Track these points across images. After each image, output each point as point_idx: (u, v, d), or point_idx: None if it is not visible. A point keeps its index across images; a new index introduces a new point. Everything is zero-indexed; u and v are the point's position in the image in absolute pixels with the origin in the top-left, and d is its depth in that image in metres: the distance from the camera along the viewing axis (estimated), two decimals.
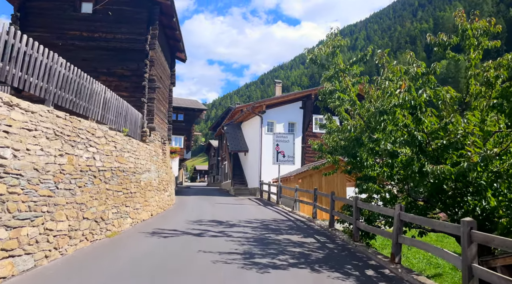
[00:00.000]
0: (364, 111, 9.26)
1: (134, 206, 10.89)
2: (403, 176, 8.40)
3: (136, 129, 12.84)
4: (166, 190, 15.51)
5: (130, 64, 13.80)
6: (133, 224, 10.64)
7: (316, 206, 13.53)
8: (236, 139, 28.17)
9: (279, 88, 30.89)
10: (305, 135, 25.42)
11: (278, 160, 19.17)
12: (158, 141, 15.13)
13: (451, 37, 8.01)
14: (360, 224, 9.06)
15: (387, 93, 7.40)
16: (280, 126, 24.76)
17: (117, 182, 9.74)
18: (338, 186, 18.93)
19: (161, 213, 13.95)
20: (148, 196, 12.49)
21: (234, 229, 10.77)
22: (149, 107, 13.95)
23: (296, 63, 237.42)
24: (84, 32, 13.54)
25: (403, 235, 7.03)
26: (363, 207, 9.15)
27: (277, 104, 25.01)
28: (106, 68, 13.68)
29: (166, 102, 17.89)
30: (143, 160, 12.46)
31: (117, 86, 13.64)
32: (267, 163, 22.55)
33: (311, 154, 25.25)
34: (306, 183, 18.85)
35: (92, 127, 8.61)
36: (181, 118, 39.20)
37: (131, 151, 11.24)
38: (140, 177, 11.88)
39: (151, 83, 13.95)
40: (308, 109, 25.35)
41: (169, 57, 18.43)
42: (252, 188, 25.58)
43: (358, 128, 8.78)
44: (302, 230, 11.26)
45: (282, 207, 17.49)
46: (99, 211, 8.53)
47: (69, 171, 7.34)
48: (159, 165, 14.74)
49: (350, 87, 9.60)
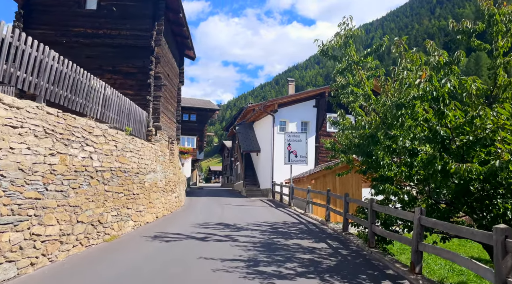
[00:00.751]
0: (380, 106, 8.55)
1: (136, 208, 10.41)
2: (423, 176, 7.66)
3: (141, 128, 12.38)
4: (173, 191, 15.03)
5: (136, 61, 13.38)
6: (135, 227, 10.16)
7: (329, 208, 12.83)
8: (248, 139, 27.60)
9: (292, 86, 30.20)
10: (318, 134, 24.66)
11: (290, 160, 18.50)
12: (165, 141, 14.67)
13: (476, 24, 7.24)
14: (376, 229, 8.35)
15: (405, 84, 6.68)
16: (293, 125, 24.08)
17: (117, 183, 9.27)
18: (353, 187, 18.15)
19: (167, 215, 13.47)
20: (153, 197, 12.01)
21: (241, 233, 10.18)
22: (155, 106, 13.48)
23: (311, 63, 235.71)
24: (89, 29, 13.19)
25: (424, 242, 6.31)
26: (379, 210, 8.44)
27: (290, 103, 24.34)
28: (111, 66, 13.29)
29: (175, 101, 17.44)
30: (148, 160, 11.99)
31: (122, 84, 13.24)
32: (279, 164, 21.90)
33: (325, 154, 24.48)
34: (319, 184, 18.13)
35: (89, 125, 8.14)
36: (194, 118, 38.91)
37: (134, 151, 10.78)
38: (144, 178, 11.41)
39: (157, 81, 13.50)
40: (321, 108, 24.59)
41: (177, 55, 17.99)
42: (264, 189, 24.96)
43: (373, 124, 8.07)
44: (313, 234, 10.59)
45: (294, 209, 16.82)
46: (96, 214, 8.05)
47: (61, 171, 6.87)
48: (166, 166, 14.27)
49: (364, 81, 8.90)
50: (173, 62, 16.69)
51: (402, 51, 7.03)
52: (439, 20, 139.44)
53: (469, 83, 6.03)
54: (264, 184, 25.22)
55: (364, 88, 8.86)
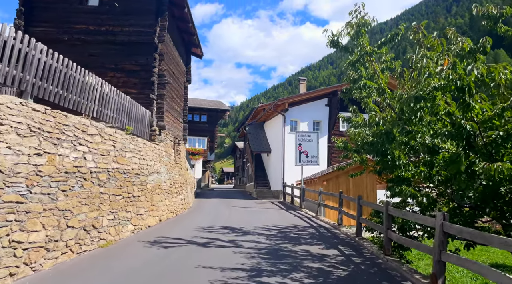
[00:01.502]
0: (396, 100, 7.85)
1: (137, 211, 9.89)
2: (445, 177, 6.93)
3: (144, 128, 11.89)
4: (179, 193, 14.51)
5: (139, 59, 12.91)
6: (135, 231, 9.63)
7: (341, 211, 12.11)
8: (259, 140, 26.98)
9: (303, 85, 29.47)
10: (331, 134, 23.88)
11: (301, 160, 17.81)
12: (170, 141, 14.17)
13: (503, 8, 6.48)
14: (392, 235, 7.62)
15: (424, 74, 5.97)
16: (304, 125, 23.38)
17: (115, 185, 8.76)
18: (367, 188, 17.36)
19: (172, 218, 12.94)
20: (156, 200, 11.49)
21: (247, 237, 9.56)
22: (158, 104, 12.99)
23: (325, 64, 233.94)
24: (91, 26, 12.78)
25: (448, 252, 5.58)
26: (395, 215, 7.71)
27: (301, 102, 23.63)
28: (114, 64, 12.86)
29: (181, 100, 16.94)
30: (151, 161, 11.48)
31: (125, 83, 12.80)
32: (290, 164, 21.23)
33: (338, 154, 23.68)
34: (331, 185, 17.39)
35: (83, 124, 7.65)
36: (204, 119, 38.49)
37: (135, 151, 10.28)
38: (146, 180, 10.90)
39: (161, 79, 13.00)
40: (334, 107, 23.82)
41: (184, 53, 17.51)
42: (275, 190, 24.30)
43: (388, 120, 7.37)
44: (324, 239, 9.90)
45: (305, 212, 16.12)
46: (90, 218, 7.54)
47: (49, 172, 6.37)
48: (170, 167, 13.76)
49: (378, 73, 8.19)
50: (179, 60, 16.20)
51: (420, 37, 6.31)
52: (456, 18, 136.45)
53: (498, 70, 5.29)
54: (275, 185, 24.56)
55: (378, 81, 8.16)
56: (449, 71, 5.26)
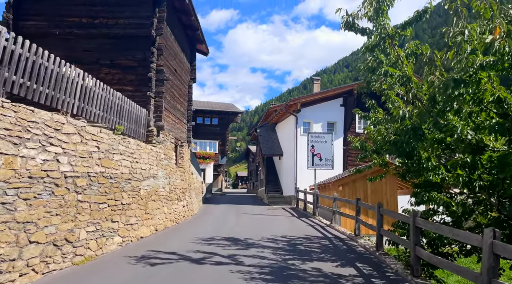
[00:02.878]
0: (424, 91, 6.56)
1: (126, 221, 8.78)
2: (489, 182, 5.58)
3: (139, 128, 10.83)
4: (180, 200, 13.39)
5: (136, 54, 11.88)
6: (123, 244, 8.52)
7: (359, 220, 10.76)
8: (270, 142, 25.74)
9: (317, 85, 28.12)
10: (346, 136, 22.43)
11: (314, 164, 16.48)
12: (170, 143, 13.08)
13: None
14: (422, 253, 6.26)
15: (464, 51, 4.68)
16: (318, 126, 22.05)
17: (98, 192, 7.67)
18: (387, 194, 15.91)
19: (170, 227, 11.81)
20: (151, 207, 10.38)
21: (250, 251, 8.34)
22: (156, 103, 11.92)
23: (340, 67, 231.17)
24: (84, 18, 11.82)
25: (500, 281, 4.25)
26: (425, 228, 6.37)
27: (314, 102, 22.31)
28: (109, 59, 11.86)
29: (185, 100, 15.87)
30: (146, 165, 10.40)
31: (121, 80, 11.78)
32: (303, 168, 19.90)
33: (354, 157, 22.27)
34: (347, 191, 16.01)
35: (57, 121, 6.59)
36: (216, 122, 37.48)
37: (126, 153, 9.20)
38: (140, 185, 9.81)
39: (159, 75, 11.94)
40: (350, 107, 22.40)
41: (188, 50, 16.46)
42: (287, 196, 22.99)
43: (415, 114, 6.09)
44: (339, 253, 8.60)
45: (319, 220, 14.79)
46: (62, 231, 6.45)
47: (5, 177, 5.30)
48: (171, 171, 12.66)
49: (402, 59, 6.91)
50: (182, 57, 15.15)
51: (457, 6, 5.01)
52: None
53: None
54: (287, 190, 23.26)
55: (402, 68, 6.87)
56: (503, 41, 3.96)
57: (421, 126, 6.14)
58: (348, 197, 15.74)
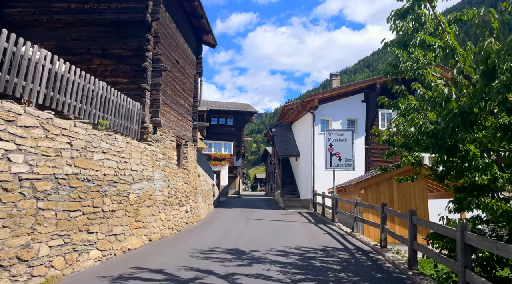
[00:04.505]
0: (470, 63, 5.03)
1: (109, 231, 7.48)
2: None
3: (131, 124, 9.56)
4: (182, 204, 12.06)
5: (130, 42, 10.64)
6: (103, 258, 7.21)
7: (385, 230, 9.15)
8: (286, 142, 24.21)
9: (336, 82, 26.42)
10: (369, 134, 20.74)
11: (332, 164, 14.88)
12: (170, 141, 11.77)
13: None
14: (475, 279, 4.65)
15: None
16: (337, 124, 20.41)
17: (69, 197, 6.39)
18: (415, 198, 14.16)
19: (169, 236, 10.48)
20: (143, 214, 9.07)
21: (254, 268, 6.88)
22: (153, 96, 10.63)
23: (361, 67, 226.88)
24: (72, 3, 10.67)
25: None
26: (481, 246, 4.75)
27: (333, 98, 20.70)
28: (101, 49, 10.67)
29: (190, 96, 14.56)
30: (138, 165, 9.11)
31: (114, 71, 10.57)
32: (321, 169, 18.31)
33: (377, 157, 20.53)
34: (371, 194, 14.34)
35: (9, 110, 5.34)
36: (230, 122, 36.26)
37: (112, 152, 7.92)
38: (129, 189, 8.51)
39: (156, 65, 10.66)
40: (372, 103, 20.69)
41: (193, 41, 15.16)
42: (304, 199, 21.40)
43: (469, 91, 4.53)
44: (363, 271, 7.03)
45: (339, 226, 13.19)
46: (13, 247, 5.16)
47: None
48: (171, 172, 11.34)
49: (443, 26, 5.36)
50: (186, 48, 13.86)
51: None
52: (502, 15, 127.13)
53: None
54: (304, 193, 21.67)
55: (443, 37, 5.32)
56: None
57: (473, 110, 4.57)
58: (371, 201, 14.09)
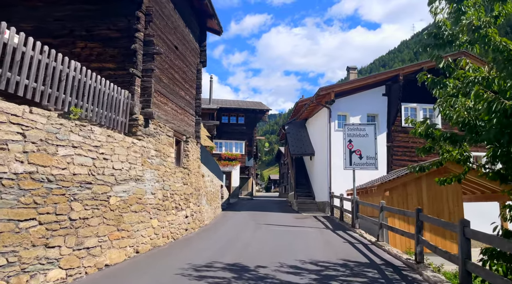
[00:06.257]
0: None
1: (78, 244, 6.02)
2: None
3: (116, 115, 8.13)
4: (181, 208, 10.58)
5: (118, 22, 9.24)
6: (69, 278, 5.74)
7: (422, 241, 7.46)
8: (299, 140, 22.56)
9: (354, 75, 24.63)
10: (391, 131, 18.95)
11: (352, 163, 13.18)
12: (166, 136, 10.31)
13: None
14: None
15: None
16: (356, 119, 18.67)
17: (19, 203, 4.95)
18: (449, 201, 12.36)
19: (162, 246, 9.00)
20: (129, 221, 7.61)
21: None
22: (144, 83, 9.19)
23: (376, 67, 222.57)
24: None
25: None
26: None
27: (351, 92, 18.98)
28: (86, 29, 9.30)
29: (192, 87, 13.08)
30: (123, 163, 7.66)
31: (100, 55, 9.18)
32: (338, 169, 16.64)
33: (401, 157, 18.73)
34: (396, 197, 12.61)
35: None
36: (242, 121, 34.80)
37: (86, 147, 6.48)
38: (110, 191, 7.06)
39: (147, 47, 9.23)
40: (394, 96, 18.90)
41: (196, 26, 13.69)
42: (320, 202, 19.71)
43: None
44: None
45: (360, 234, 11.51)
46: None
47: None
48: (166, 172, 9.88)
49: None
50: (186, 33, 12.40)
51: None
52: None
53: None
54: (320, 195, 19.98)
55: None
56: None
57: None
58: (397, 205, 12.36)
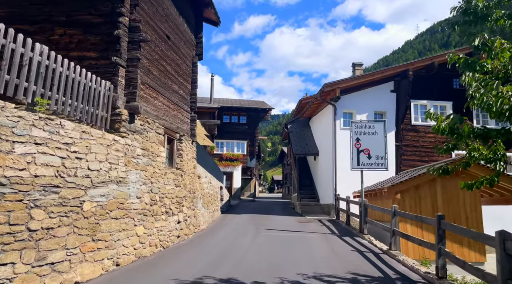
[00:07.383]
0: None
1: (39, 260, 5.07)
2: None
3: (95, 109, 7.18)
4: (173, 213, 9.61)
5: (100, 6, 8.32)
6: None
7: (444, 253, 6.44)
8: (303, 139, 21.55)
9: (359, 72, 23.57)
10: (399, 129, 17.91)
11: (360, 163, 12.16)
12: (156, 133, 9.35)
13: None
14: None
15: None
16: (362, 117, 17.62)
17: None
18: (465, 205, 11.31)
19: (148, 256, 8.03)
20: (108, 229, 6.65)
21: None
22: (129, 74, 8.25)
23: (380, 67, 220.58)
24: None
25: None
26: None
27: (357, 88, 17.96)
28: (65, 15, 8.38)
29: (187, 81, 12.12)
30: (102, 163, 6.70)
31: (81, 42, 8.26)
32: (344, 169, 15.64)
33: (410, 157, 17.70)
34: (408, 200, 11.58)
35: None
36: (243, 120, 33.84)
37: (52, 144, 5.54)
38: (84, 195, 6.10)
39: (133, 34, 8.29)
40: (403, 92, 17.86)
41: (192, 16, 12.74)
42: (325, 204, 18.70)
43: None
44: None
45: (369, 240, 10.49)
46: None
47: None
48: (155, 173, 8.92)
49: None
50: (180, 23, 11.44)
51: None
52: None
53: None
54: (324, 197, 18.97)
55: None
56: None
57: None
58: (409, 209, 11.34)
